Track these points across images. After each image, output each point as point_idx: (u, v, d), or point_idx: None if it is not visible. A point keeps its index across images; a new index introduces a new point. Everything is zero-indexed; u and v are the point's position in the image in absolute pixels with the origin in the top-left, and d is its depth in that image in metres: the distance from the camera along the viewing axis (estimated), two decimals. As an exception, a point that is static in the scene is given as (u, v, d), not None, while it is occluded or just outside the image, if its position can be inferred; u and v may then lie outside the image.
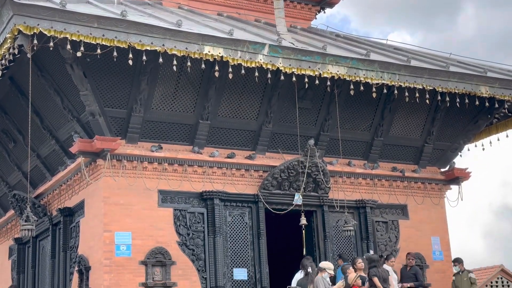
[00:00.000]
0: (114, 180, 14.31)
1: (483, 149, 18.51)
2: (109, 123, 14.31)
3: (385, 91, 15.32)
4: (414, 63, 15.66)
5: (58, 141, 15.75)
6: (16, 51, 12.14)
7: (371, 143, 17.16)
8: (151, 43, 12.68)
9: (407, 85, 15.24)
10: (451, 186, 18.41)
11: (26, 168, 16.76)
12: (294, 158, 15.83)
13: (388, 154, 17.57)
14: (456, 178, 18.17)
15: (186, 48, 12.98)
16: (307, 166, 15.72)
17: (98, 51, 12.35)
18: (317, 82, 14.38)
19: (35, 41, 11.84)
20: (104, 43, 12.30)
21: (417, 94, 15.34)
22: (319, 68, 14.29)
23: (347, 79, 14.65)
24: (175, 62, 12.88)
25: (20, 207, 17.35)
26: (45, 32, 11.85)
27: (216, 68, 13.60)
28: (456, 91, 15.80)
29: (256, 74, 13.77)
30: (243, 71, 13.76)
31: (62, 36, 11.98)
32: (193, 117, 15.05)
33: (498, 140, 18.69)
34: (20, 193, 17.41)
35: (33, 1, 11.86)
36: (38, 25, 11.75)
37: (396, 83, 15.10)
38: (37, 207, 16.99)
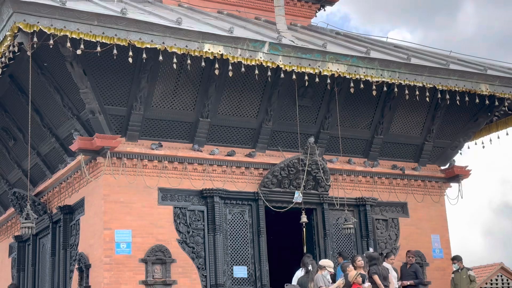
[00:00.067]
0: (114, 178, 14.31)
1: (483, 147, 18.54)
2: (109, 121, 14.31)
3: (385, 89, 15.32)
4: (414, 61, 15.65)
5: (58, 139, 15.75)
6: (16, 49, 12.13)
7: (371, 141, 17.16)
8: (151, 41, 12.67)
9: (407, 83, 15.23)
10: (451, 184, 18.41)
11: (26, 166, 16.77)
12: (294, 156, 15.83)
13: (388, 152, 17.57)
14: (456, 176, 18.17)
15: (186, 46, 12.97)
16: (307, 164, 15.72)
17: (98, 49, 12.34)
18: (317, 80, 14.37)
19: (35, 39, 11.81)
20: (104, 41, 12.29)
21: (417, 92, 15.33)
22: (319, 66, 14.27)
23: (347, 77, 14.64)
24: (175, 60, 12.86)
25: (20, 205, 17.35)
26: (45, 30, 11.83)
27: (216, 66, 13.59)
28: (456, 89, 15.80)
29: (256, 72, 13.76)
30: (243, 69, 13.76)
31: (62, 34, 11.97)
32: (193, 115, 15.05)
33: (498, 138, 18.70)
34: (20, 191, 17.41)
35: (33, -1, 11.86)
36: (38, 22, 11.73)
37: (396, 81, 15.10)
38: (37, 205, 16.99)
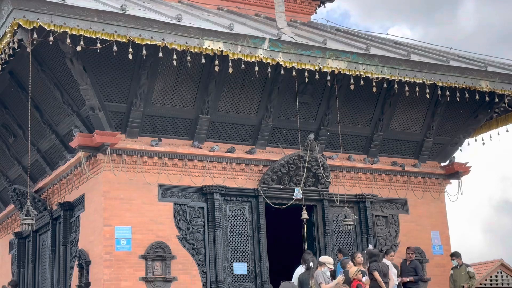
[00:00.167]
0: (114, 175, 14.31)
1: (483, 144, 18.52)
2: (109, 117, 14.30)
3: (385, 85, 15.31)
4: (414, 57, 15.64)
5: (58, 135, 15.75)
6: (16, 46, 12.12)
7: (371, 137, 17.16)
8: (151, 37, 12.66)
9: (407, 79, 15.22)
10: (451, 181, 18.41)
11: (26, 162, 16.77)
12: (294, 153, 15.83)
13: (388, 148, 17.57)
14: (456, 172, 18.17)
15: (186, 43, 12.96)
16: (307, 160, 15.71)
17: (98, 45, 12.33)
18: (317, 76, 14.36)
19: (35, 35, 11.81)
20: (104, 38, 12.28)
21: (417, 89, 15.33)
22: (319, 63, 14.27)
23: (347, 73, 14.64)
24: (175, 56, 12.85)
25: (20, 201, 17.36)
26: (45, 26, 11.82)
27: (216, 62, 13.58)
28: (456, 86, 15.79)
29: (256, 68, 13.75)
30: (243, 66, 13.74)
31: (61, 30, 11.96)
32: (193, 112, 15.04)
33: (498, 134, 18.69)
34: (20, 187, 17.42)
35: (32, -5, 11.84)
36: (38, 19, 11.72)
37: (396, 78, 15.09)
38: (37, 201, 16.99)
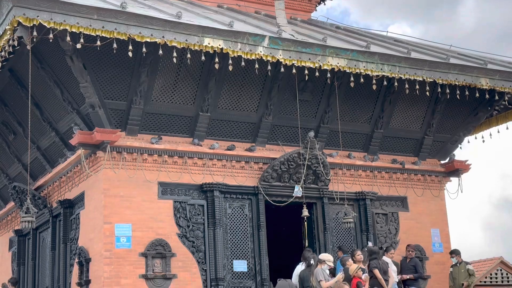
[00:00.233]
0: (114, 172, 14.31)
1: (483, 141, 18.54)
2: (109, 115, 14.30)
3: (385, 83, 15.31)
4: (414, 55, 15.64)
5: (58, 133, 15.75)
6: (15, 43, 12.12)
7: (371, 135, 17.16)
8: (151, 35, 12.66)
9: (407, 77, 15.22)
10: (451, 178, 18.41)
11: (26, 160, 16.77)
12: (294, 150, 15.83)
13: (388, 146, 17.57)
14: (456, 170, 18.17)
15: (186, 40, 12.95)
16: (307, 158, 15.72)
17: (98, 43, 12.33)
18: (317, 74, 14.36)
19: (35, 33, 11.80)
20: (103, 35, 12.27)
21: (417, 86, 15.32)
22: (319, 60, 14.26)
23: (347, 71, 14.64)
24: (175, 54, 12.85)
25: (20, 199, 17.36)
26: (45, 24, 11.82)
27: (216, 60, 13.58)
28: (457, 83, 15.79)
29: (256, 66, 13.75)
30: (243, 63, 13.74)
31: (61, 27, 11.96)
32: (193, 109, 15.04)
33: (498, 132, 18.70)
34: (20, 185, 17.42)
35: (32, -7, 11.83)
36: (38, 16, 11.72)
37: (396, 75, 15.09)
38: (37, 199, 17.00)
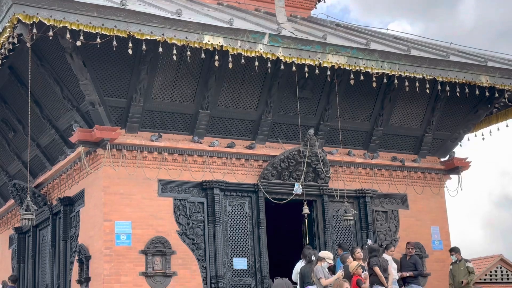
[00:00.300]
0: (114, 170, 14.31)
1: (483, 139, 18.54)
2: (109, 112, 14.30)
3: (385, 80, 15.30)
4: (414, 52, 15.63)
5: (58, 130, 15.74)
6: (15, 40, 12.12)
7: (371, 132, 17.16)
8: (151, 32, 12.64)
9: (407, 74, 15.22)
10: (451, 176, 18.41)
11: (26, 157, 16.78)
12: (294, 148, 15.83)
13: (388, 143, 17.57)
14: (455, 167, 18.18)
15: (186, 38, 12.94)
16: (307, 155, 15.71)
17: (98, 40, 12.32)
18: (317, 71, 14.35)
19: (35, 30, 11.80)
20: (103, 32, 12.27)
21: (417, 84, 15.31)
22: (319, 58, 14.25)
23: (347, 68, 14.63)
24: (174, 51, 12.84)
25: (20, 196, 17.36)
26: (45, 21, 11.81)
27: (216, 57, 13.57)
28: (456, 81, 15.78)
29: (256, 63, 13.74)
30: (243, 61, 13.73)
31: (61, 25, 11.95)
32: (193, 107, 15.03)
33: (498, 129, 18.69)
34: (20, 182, 17.42)
35: (32, -10, 11.82)
36: (38, 14, 11.70)
37: (396, 73, 15.08)
38: (37, 196, 17.00)
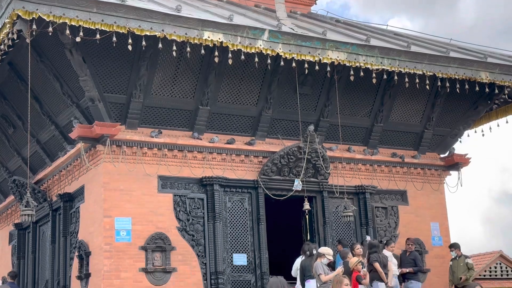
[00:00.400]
0: (114, 166, 14.31)
1: (483, 135, 18.53)
2: (109, 108, 14.29)
3: (385, 76, 15.29)
4: (414, 48, 15.62)
5: (57, 126, 15.74)
6: (15, 36, 12.11)
7: (371, 129, 17.15)
8: (151, 28, 12.63)
9: (407, 70, 15.21)
10: (451, 172, 18.42)
11: (25, 153, 16.77)
12: (293, 144, 15.83)
13: (387, 140, 17.57)
14: (455, 164, 18.18)
15: (186, 34, 12.93)
16: (306, 152, 15.71)
17: (97, 36, 12.31)
18: (317, 67, 14.35)
19: (34, 26, 11.78)
20: (103, 28, 12.25)
21: (417, 80, 15.31)
22: (319, 54, 14.24)
23: (347, 64, 14.62)
24: (174, 47, 12.83)
25: (20, 192, 17.37)
26: (44, 17, 11.80)
27: (216, 53, 13.57)
28: (456, 77, 15.77)
29: (256, 59, 13.74)
30: (242, 57, 13.72)
31: (61, 21, 11.94)
32: (192, 103, 15.03)
33: (498, 126, 18.70)
34: (20, 178, 17.43)
35: (32, -14, 11.80)
36: (37, 10, 11.70)
37: (396, 69, 15.07)
38: (37, 192, 17.01)
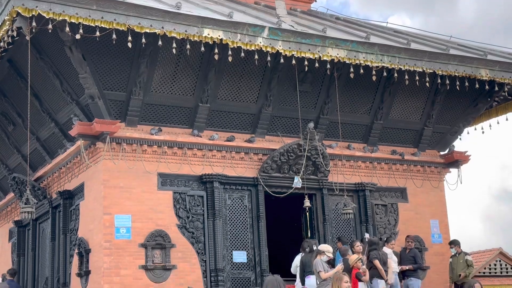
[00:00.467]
0: (113, 163, 14.31)
1: (483, 132, 18.53)
2: (109, 106, 14.29)
3: (385, 74, 15.29)
4: (414, 46, 15.61)
5: (57, 124, 15.74)
6: (15, 34, 12.11)
7: (371, 126, 17.15)
8: (150, 25, 12.62)
9: (407, 68, 15.20)
10: (451, 169, 18.42)
11: (25, 151, 16.77)
12: (293, 141, 15.82)
13: (387, 137, 17.56)
14: (455, 161, 18.18)
15: (186, 31, 12.92)
16: (306, 149, 15.71)
17: (97, 33, 12.29)
18: (317, 65, 14.34)
19: (34, 23, 11.78)
20: (103, 26, 12.25)
21: (417, 77, 15.30)
22: (319, 51, 14.24)
23: (347, 62, 14.61)
24: (174, 44, 12.82)
25: (20, 189, 17.37)
26: (44, 14, 11.78)
27: (216, 51, 13.56)
28: (456, 74, 15.76)
29: (256, 57, 13.73)
30: (242, 54, 13.71)
31: (60, 18, 11.92)
32: (192, 100, 15.02)
33: (498, 123, 18.68)
34: (20, 176, 17.43)
35: (31, -17, 11.79)
36: (37, 7, 11.68)
37: (396, 66, 15.06)
38: (36, 189, 17.01)
